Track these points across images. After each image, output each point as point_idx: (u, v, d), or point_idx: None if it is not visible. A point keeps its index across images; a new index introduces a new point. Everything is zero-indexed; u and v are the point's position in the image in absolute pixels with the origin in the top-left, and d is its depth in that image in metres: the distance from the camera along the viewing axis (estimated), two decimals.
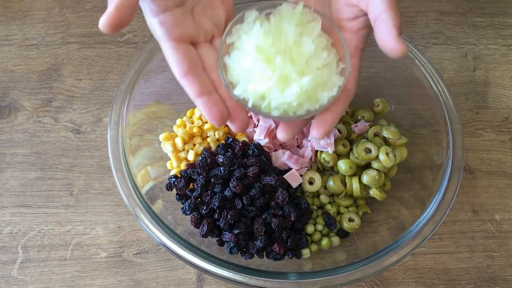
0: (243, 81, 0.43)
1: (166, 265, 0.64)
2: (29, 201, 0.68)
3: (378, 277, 0.64)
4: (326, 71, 0.44)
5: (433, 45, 0.82)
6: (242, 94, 0.43)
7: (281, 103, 0.43)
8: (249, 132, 0.67)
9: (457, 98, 0.77)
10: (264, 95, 0.43)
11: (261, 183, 0.60)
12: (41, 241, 0.65)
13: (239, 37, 0.45)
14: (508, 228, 0.68)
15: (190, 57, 0.43)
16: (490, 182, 0.71)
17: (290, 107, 0.43)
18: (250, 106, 0.43)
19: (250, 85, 0.43)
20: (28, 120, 0.73)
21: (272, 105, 0.43)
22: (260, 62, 0.43)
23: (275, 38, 0.43)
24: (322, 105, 0.44)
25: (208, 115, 0.42)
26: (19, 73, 0.76)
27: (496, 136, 0.74)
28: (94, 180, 0.69)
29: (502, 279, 0.65)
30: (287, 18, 0.45)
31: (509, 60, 0.81)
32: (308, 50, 0.43)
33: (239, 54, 0.44)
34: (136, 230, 0.66)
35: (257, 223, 0.59)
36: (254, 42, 0.43)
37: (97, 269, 0.64)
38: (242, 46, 0.45)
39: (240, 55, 0.44)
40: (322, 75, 0.43)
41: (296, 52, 0.43)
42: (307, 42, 0.43)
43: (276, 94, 0.43)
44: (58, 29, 0.80)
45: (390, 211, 0.64)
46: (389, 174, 0.65)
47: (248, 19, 0.45)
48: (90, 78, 0.76)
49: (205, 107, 0.42)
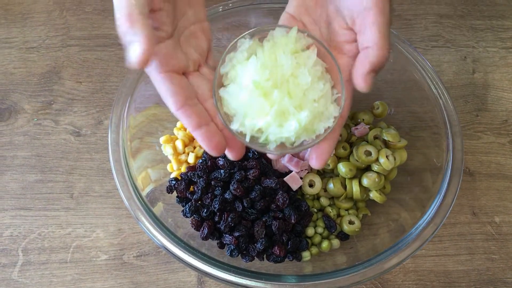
0: (240, 115, 0.43)
1: (167, 268, 0.64)
2: (30, 204, 0.68)
3: (379, 279, 0.64)
4: (322, 102, 0.44)
5: (432, 48, 0.82)
6: (240, 128, 0.44)
7: (279, 137, 0.43)
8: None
9: (456, 100, 0.77)
10: (262, 129, 0.44)
11: (261, 186, 0.60)
12: (42, 244, 0.65)
13: (233, 66, 0.45)
14: (507, 231, 0.68)
15: (185, 88, 0.42)
16: (489, 184, 0.71)
17: (287, 140, 0.44)
18: (248, 141, 0.44)
19: (248, 119, 0.43)
20: (28, 122, 0.73)
21: (270, 138, 0.44)
22: (257, 97, 0.42)
23: (272, 71, 0.43)
24: (319, 135, 0.44)
25: (207, 147, 0.42)
26: (19, 76, 0.77)
27: (496, 139, 0.74)
28: (94, 182, 0.69)
29: (502, 281, 0.65)
30: (282, 45, 0.44)
31: (508, 63, 0.81)
32: (305, 82, 0.43)
33: (235, 88, 0.44)
34: (136, 233, 0.66)
35: (257, 226, 0.59)
36: (250, 76, 0.43)
37: (98, 271, 0.64)
38: (237, 78, 0.44)
39: (236, 89, 0.44)
40: (318, 107, 0.44)
41: (293, 84, 0.43)
42: (303, 74, 0.43)
43: (275, 129, 0.43)
44: (58, 31, 0.80)
45: (390, 214, 0.64)
46: (389, 177, 0.65)
47: (241, 48, 0.45)
48: (90, 80, 0.77)
49: (204, 138, 0.42)
